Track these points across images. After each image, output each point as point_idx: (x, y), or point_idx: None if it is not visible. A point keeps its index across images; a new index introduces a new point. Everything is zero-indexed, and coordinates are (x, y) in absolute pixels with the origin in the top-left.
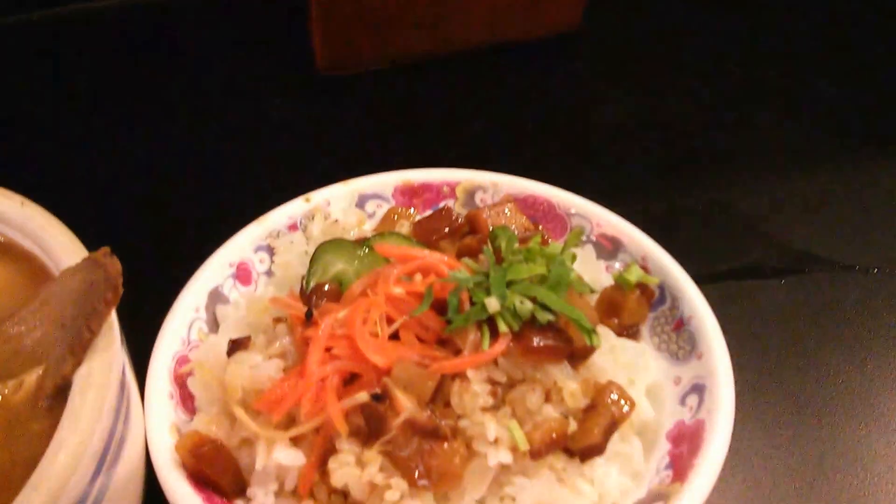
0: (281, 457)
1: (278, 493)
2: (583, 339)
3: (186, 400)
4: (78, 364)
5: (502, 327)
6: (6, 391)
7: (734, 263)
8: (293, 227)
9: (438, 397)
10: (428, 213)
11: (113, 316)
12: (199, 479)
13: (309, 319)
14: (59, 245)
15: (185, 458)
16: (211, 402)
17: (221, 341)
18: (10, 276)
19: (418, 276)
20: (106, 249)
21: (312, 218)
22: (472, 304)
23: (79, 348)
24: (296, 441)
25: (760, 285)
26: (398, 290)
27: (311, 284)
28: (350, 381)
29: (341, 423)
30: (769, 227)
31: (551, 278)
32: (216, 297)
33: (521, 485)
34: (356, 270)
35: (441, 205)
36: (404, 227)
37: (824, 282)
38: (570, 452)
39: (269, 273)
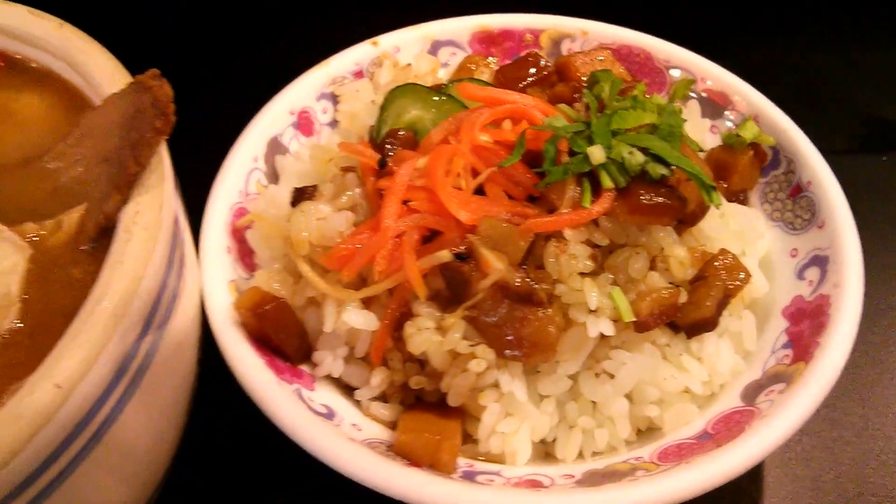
0: (352, 319)
1: (348, 359)
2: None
3: (245, 255)
4: (124, 202)
5: (606, 182)
6: (43, 233)
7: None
8: (359, 74)
9: (530, 260)
10: (509, 62)
11: (164, 150)
12: (261, 340)
13: (382, 168)
14: (100, 70)
15: (246, 317)
16: (273, 258)
17: (283, 192)
18: (45, 107)
19: (507, 124)
20: (155, 71)
21: (380, 64)
22: (571, 154)
23: (124, 184)
24: (367, 303)
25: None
26: (485, 138)
27: (384, 131)
28: (429, 238)
29: (419, 284)
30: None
31: (662, 129)
32: (275, 146)
33: (621, 359)
34: (433, 118)
35: (522, 55)
36: (484, 77)
37: None
38: (674, 327)
39: (333, 124)
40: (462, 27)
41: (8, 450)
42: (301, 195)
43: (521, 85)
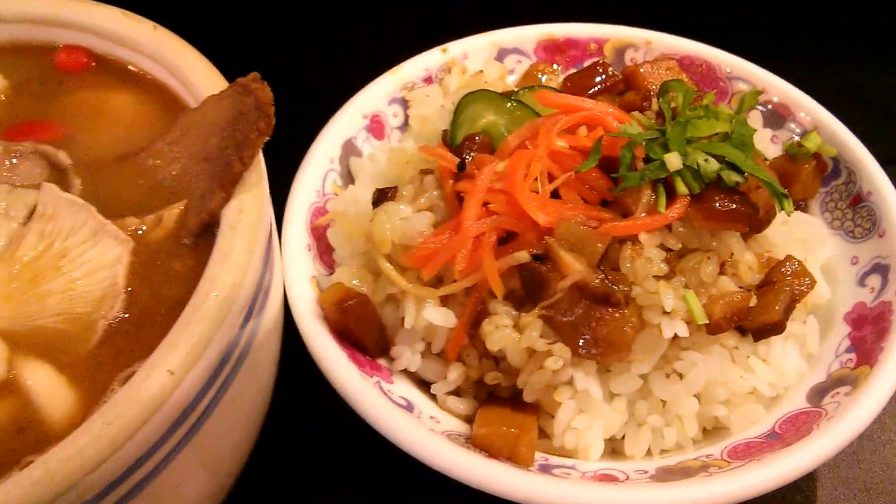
0: (431, 315)
1: (424, 355)
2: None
3: (324, 253)
4: (227, 199)
5: (681, 188)
6: (143, 227)
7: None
8: (428, 80)
9: (605, 262)
10: (572, 70)
11: (259, 151)
12: (342, 334)
13: (461, 171)
14: (196, 73)
15: (330, 311)
16: (352, 256)
17: (361, 192)
18: (137, 106)
19: (582, 130)
20: (255, 75)
21: (449, 70)
22: (647, 161)
23: (228, 182)
24: (444, 300)
25: None
26: (561, 144)
27: (459, 136)
28: (504, 239)
29: (497, 284)
30: None
31: (734, 138)
32: (349, 148)
33: (692, 360)
34: (506, 123)
35: (586, 63)
36: (551, 84)
37: None
38: (741, 330)
39: (403, 128)
40: (528, 35)
41: (124, 432)
42: (383, 196)
43: (589, 93)
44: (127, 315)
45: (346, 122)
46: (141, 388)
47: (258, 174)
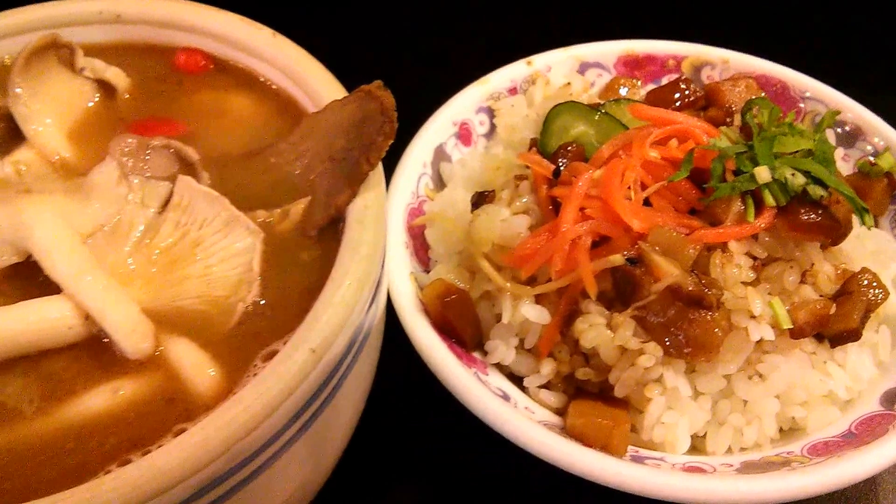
0: (528, 312)
1: (517, 350)
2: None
3: (419, 250)
4: (353, 196)
5: (769, 200)
6: (271, 220)
7: None
8: (513, 91)
9: (695, 268)
10: (651, 86)
11: None
12: (441, 327)
13: (556, 178)
14: (315, 79)
15: (433, 305)
16: (449, 255)
17: (457, 195)
18: (254, 107)
19: (673, 142)
20: (379, 83)
21: (534, 82)
22: (736, 173)
23: (356, 180)
24: (538, 299)
25: None
26: (653, 155)
27: (551, 144)
28: (597, 243)
29: (592, 284)
30: None
31: (817, 154)
32: (440, 154)
33: (775, 363)
34: (596, 134)
35: (664, 79)
36: (634, 97)
37: None
38: (818, 336)
39: (489, 135)
40: (609, 50)
41: (272, 404)
42: (482, 199)
43: (671, 108)
44: (262, 300)
45: (438, 128)
46: (286, 364)
47: (378, 175)
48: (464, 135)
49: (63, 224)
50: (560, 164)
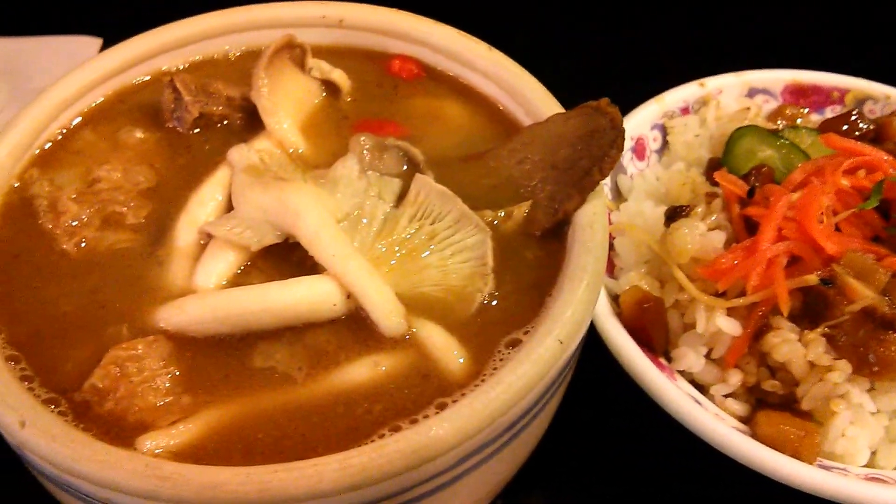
0: (722, 324)
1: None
2: None
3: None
4: (582, 203)
5: None
6: (496, 220)
7: None
8: (685, 110)
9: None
10: (815, 115)
11: None
12: (633, 332)
13: (750, 197)
14: (531, 93)
15: (631, 310)
16: (637, 264)
17: (643, 207)
18: (471, 117)
19: (861, 172)
20: (607, 100)
21: (705, 103)
22: None
23: (587, 188)
24: (728, 312)
25: None
26: (844, 183)
27: (736, 165)
28: (789, 263)
29: (786, 301)
30: None
31: None
32: (618, 167)
33: None
34: (780, 158)
35: (827, 109)
36: (806, 126)
37: None
38: None
39: (660, 151)
40: (777, 78)
41: (526, 387)
42: (676, 213)
43: None
44: (497, 292)
45: None
46: (538, 351)
47: (600, 184)
48: (639, 149)
49: (326, 211)
50: (754, 184)
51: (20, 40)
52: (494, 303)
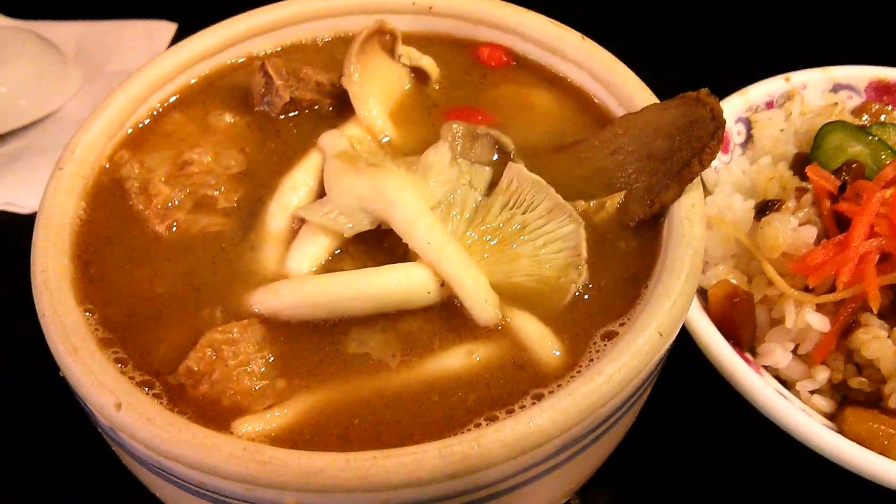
0: (811, 319)
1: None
2: None
3: None
4: (680, 194)
5: None
6: (589, 210)
7: None
8: (769, 105)
9: None
10: None
11: None
12: (720, 326)
13: (842, 193)
14: (625, 83)
15: (721, 304)
16: (724, 258)
17: (732, 201)
18: (560, 106)
19: None
20: (706, 90)
21: (790, 98)
22: None
23: (686, 179)
24: (816, 307)
25: None
26: None
27: (825, 160)
28: (880, 260)
29: (876, 298)
30: None
31: None
32: None
33: None
34: (869, 154)
35: None
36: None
37: None
38: None
39: (743, 145)
40: (861, 74)
41: (627, 378)
42: (768, 207)
43: None
44: (590, 283)
45: None
46: (637, 343)
47: (698, 177)
48: (724, 143)
49: (421, 199)
50: (846, 180)
51: (95, 24)
52: (587, 295)
